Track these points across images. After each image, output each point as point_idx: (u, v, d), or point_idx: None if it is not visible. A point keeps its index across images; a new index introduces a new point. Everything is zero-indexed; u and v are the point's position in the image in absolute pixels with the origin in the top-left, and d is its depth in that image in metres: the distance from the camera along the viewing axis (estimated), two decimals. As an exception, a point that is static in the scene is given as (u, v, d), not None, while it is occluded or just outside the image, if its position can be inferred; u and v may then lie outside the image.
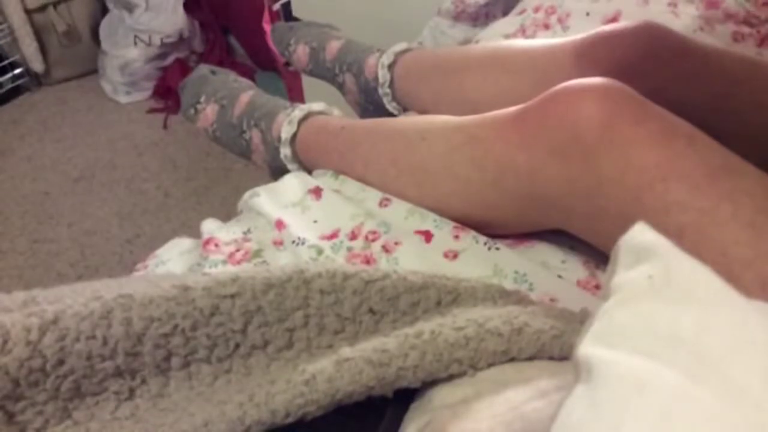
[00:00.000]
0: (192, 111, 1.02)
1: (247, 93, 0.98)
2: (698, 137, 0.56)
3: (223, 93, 0.99)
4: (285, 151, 0.88)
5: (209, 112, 0.99)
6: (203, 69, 1.06)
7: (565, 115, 0.59)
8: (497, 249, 0.67)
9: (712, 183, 0.53)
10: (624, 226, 0.42)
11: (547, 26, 1.03)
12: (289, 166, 0.89)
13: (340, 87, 1.15)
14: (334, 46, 1.13)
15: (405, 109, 1.04)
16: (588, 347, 0.36)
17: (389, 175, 0.76)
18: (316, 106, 0.91)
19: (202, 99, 1.00)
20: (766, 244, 0.51)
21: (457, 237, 0.69)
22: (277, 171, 0.92)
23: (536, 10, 1.06)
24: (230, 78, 1.04)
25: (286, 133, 0.88)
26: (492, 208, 0.68)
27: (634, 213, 0.53)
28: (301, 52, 1.17)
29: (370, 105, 1.09)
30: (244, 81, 1.05)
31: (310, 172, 0.90)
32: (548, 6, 1.05)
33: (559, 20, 1.02)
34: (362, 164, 0.79)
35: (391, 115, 1.04)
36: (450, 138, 0.70)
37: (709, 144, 0.56)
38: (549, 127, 0.60)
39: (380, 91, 1.04)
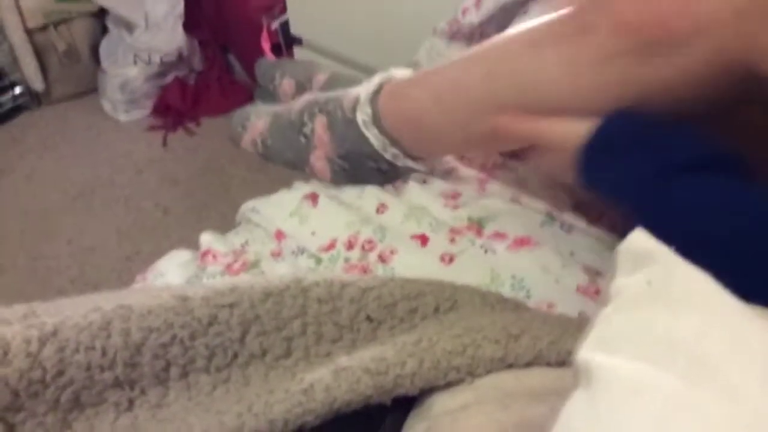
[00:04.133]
0: (239, 129, 0.97)
1: (306, 95, 0.92)
2: None
3: (276, 108, 0.95)
4: (364, 114, 0.80)
5: (259, 124, 0.94)
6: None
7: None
8: (494, 252, 0.67)
9: None
10: None
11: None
12: (367, 133, 0.80)
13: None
14: (320, 78, 1.09)
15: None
16: (587, 352, 0.36)
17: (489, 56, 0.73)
18: (400, 72, 0.84)
19: (252, 117, 0.96)
20: None
21: (453, 240, 0.69)
22: (342, 167, 0.85)
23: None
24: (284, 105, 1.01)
25: (365, 94, 0.81)
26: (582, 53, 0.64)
27: None
28: (286, 86, 1.13)
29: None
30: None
31: (389, 137, 0.80)
32: None
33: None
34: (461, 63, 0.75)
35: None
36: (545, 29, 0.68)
37: None
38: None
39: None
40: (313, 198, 0.78)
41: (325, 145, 0.85)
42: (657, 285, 0.37)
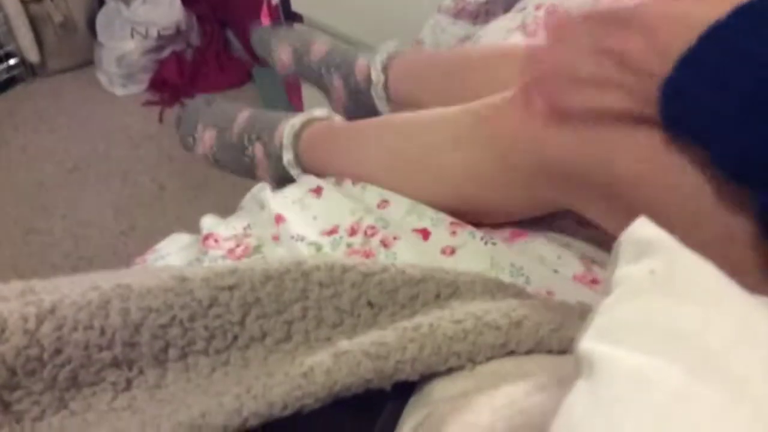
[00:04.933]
0: (190, 140, 1.01)
1: (244, 111, 0.97)
2: None
3: (220, 116, 0.99)
4: (288, 156, 0.87)
5: (207, 137, 0.99)
6: (198, 101, 1.05)
7: None
8: (494, 244, 0.67)
9: None
10: (639, 189, 0.41)
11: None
12: (292, 172, 0.88)
13: (327, 90, 1.11)
14: (320, 47, 1.10)
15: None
16: (589, 342, 0.36)
17: (396, 168, 0.75)
18: (318, 112, 0.90)
19: (199, 127, 1.00)
20: None
21: (454, 233, 0.69)
22: (283, 184, 0.91)
23: (537, 8, 1.05)
24: (225, 104, 1.03)
25: (288, 137, 0.87)
26: (501, 187, 0.67)
27: (650, 172, 0.52)
28: (283, 53, 1.14)
29: (359, 109, 1.06)
30: (240, 105, 1.03)
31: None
32: (549, 4, 1.04)
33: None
34: (368, 161, 0.79)
35: None
36: (457, 121, 0.70)
37: None
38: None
39: (373, 92, 1.02)
40: (317, 191, 0.78)
41: (265, 168, 0.92)
42: (660, 275, 0.37)
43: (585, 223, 0.71)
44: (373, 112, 1.03)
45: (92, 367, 0.51)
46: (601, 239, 0.69)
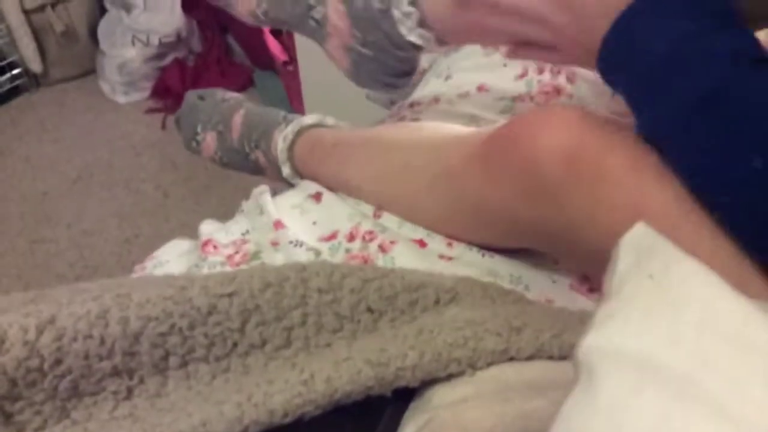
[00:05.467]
0: (194, 144, 1.02)
1: (238, 112, 0.96)
2: (666, 168, 0.54)
3: (217, 118, 0.99)
4: (285, 171, 0.88)
5: (209, 141, 0.99)
6: (191, 97, 1.04)
7: (526, 152, 0.56)
8: (491, 256, 0.68)
9: (688, 220, 0.51)
10: (603, 260, 0.41)
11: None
12: (293, 182, 0.88)
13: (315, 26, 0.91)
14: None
15: None
16: (588, 347, 0.36)
17: (382, 199, 0.76)
18: (308, 119, 0.89)
19: (199, 129, 1.00)
20: (750, 281, 0.49)
21: (450, 244, 0.69)
22: (293, 185, 0.91)
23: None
24: (218, 98, 1.02)
25: (282, 152, 0.87)
26: (477, 232, 0.68)
27: (610, 249, 0.52)
28: None
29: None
30: (232, 96, 1.03)
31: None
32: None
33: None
34: (354, 186, 0.79)
35: None
36: (429, 169, 0.70)
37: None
38: (511, 166, 0.58)
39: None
40: (317, 197, 0.78)
41: (272, 172, 0.92)
42: (659, 279, 0.37)
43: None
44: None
45: (93, 376, 0.51)
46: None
